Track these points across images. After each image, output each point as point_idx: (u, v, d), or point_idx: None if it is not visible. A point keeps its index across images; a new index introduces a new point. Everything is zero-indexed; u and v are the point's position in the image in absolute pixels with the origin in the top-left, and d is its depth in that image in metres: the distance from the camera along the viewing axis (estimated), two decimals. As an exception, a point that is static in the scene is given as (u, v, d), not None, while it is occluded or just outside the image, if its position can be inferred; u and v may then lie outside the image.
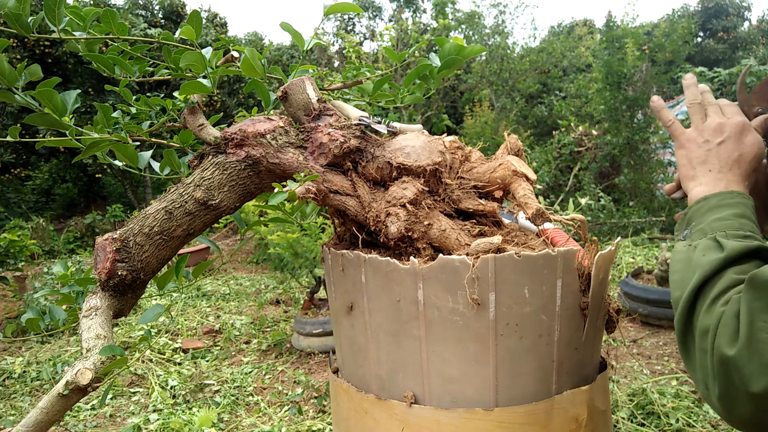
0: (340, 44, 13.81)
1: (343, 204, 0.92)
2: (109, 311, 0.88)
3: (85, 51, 1.03)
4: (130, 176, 11.15)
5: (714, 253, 0.67)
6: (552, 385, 0.87)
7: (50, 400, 0.75)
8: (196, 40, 1.01)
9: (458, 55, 1.06)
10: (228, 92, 12.04)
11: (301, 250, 4.37)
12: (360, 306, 0.90)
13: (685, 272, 0.69)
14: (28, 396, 3.77)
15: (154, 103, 1.09)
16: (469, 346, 0.82)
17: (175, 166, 1.06)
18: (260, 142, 0.91)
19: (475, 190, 0.93)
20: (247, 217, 4.91)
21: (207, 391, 3.67)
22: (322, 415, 3.25)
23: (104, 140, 0.97)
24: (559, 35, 15.27)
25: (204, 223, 0.93)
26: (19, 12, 0.87)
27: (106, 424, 3.32)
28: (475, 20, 12.17)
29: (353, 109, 1.01)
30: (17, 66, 0.89)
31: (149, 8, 12.42)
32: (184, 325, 4.91)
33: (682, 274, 0.69)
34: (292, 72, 1.06)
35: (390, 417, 0.87)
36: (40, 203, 11.75)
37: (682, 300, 0.67)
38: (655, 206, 7.70)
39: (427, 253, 0.86)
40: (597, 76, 8.27)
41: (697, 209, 0.76)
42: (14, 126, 1.01)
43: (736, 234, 0.69)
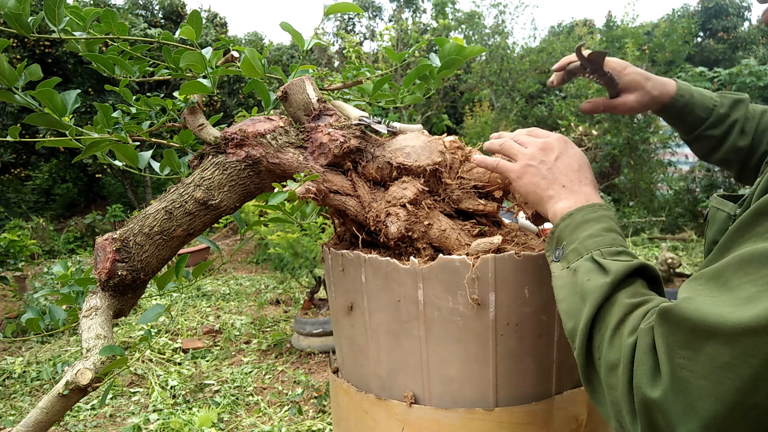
0: (340, 44, 13.81)
1: (343, 204, 0.92)
2: (109, 311, 0.88)
3: (85, 51, 1.03)
4: (130, 176, 11.15)
5: (598, 276, 0.65)
6: (552, 385, 0.87)
7: (50, 400, 0.75)
8: (196, 40, 1.01)
9: (458, 56, 1.06)
10: (228, 92, 12.04)
11: (301, 250, 4.37)
12: (360, 306, 0.90)
13: (572, 300, 0.67)
14: (28, 396, 3.77)
15: (154, 103, 1.09)
16: (469, 346, 0.82)
17: (175, 166, 1.06)
18: (260, 142, 0.91)
19: (475, 190, 0.93)
20: (247, 217, 4.91)
21: (207, 391, 3.67)
22: (322, 415, 3.25)
23: (104, 140, 0.97)
24: (559, 35, 15.27)
25: (204, 223, 0.93)
26: (19, 12, 0.87)
27: (106, 424, 3.32)
28: (475, 20, 12.16)
29: (353, 109, 1.01)
30: (17, 66, 0.89)
31: (149, 8, 12.42)
32: (184, 325, 4.91)
33: (570, 303, 0.67)
34: (292, 72, 1.06)
35: (390, 417, 0.87)
36: (40, 203, 11.74)
37: (578, 333, 0.64)
38: (655, 206, 7.71)
39: (427, 253, 0.86)
40: (597, 76, 8.26)
41: (564, 227, 0.73)
42: (14, 126, 1.01)
43: (611, 251, 0.67)
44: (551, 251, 0.75)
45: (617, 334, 0.60)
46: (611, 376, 0.59)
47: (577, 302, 0.66)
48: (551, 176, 0.78)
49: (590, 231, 0.71)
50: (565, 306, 0.68)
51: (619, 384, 0.57)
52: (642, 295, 0.63)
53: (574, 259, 0.69)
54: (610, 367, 0.59)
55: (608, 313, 0.62)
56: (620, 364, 0.57)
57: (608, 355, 0.59)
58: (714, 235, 0.73)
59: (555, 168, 0.79)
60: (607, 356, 0.60)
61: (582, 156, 0.81)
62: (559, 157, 0.80)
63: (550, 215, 0.78)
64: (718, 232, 0.71)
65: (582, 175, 0.79)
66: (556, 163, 0.79)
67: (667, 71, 8.25)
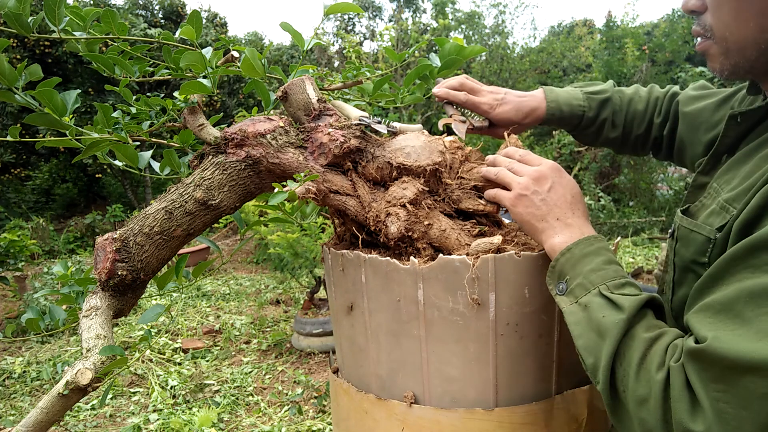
0: (340, 44, 13.80)
1: (343, 204, 0.92)
2: (109, 311, 0.88)
3: (85, 51, 1.03)
4: (130, 176, 11.15)
5: (613, 313, 0.68)
6: (552, 385, 0.87)
7: (50, 400, 0.75)
8: (196, 40, 1.01)
9: (458, 56, 1.07)
10: (228, 92, 12.04)
11: (301, 250, 4.37)
12: (360, 306, 0.90)
13: (589, 336, 0.69)
14: (28, 396, 3.77)
15: (154, 103, 1.09)
16: (469, 346, 0.82)
17: (175, 166, 1.06)
18: (260, 142, 0.91)
19: (475, 191, 0.93)
20: (247, 217, 4.91)
21: (207, 391, 3.67)
22: (322, 415, 3.25)
23: (104, 140, 0.97)
24: (559, 35, 15.26)
25: (204, 223, 0.93)
26: (19, 12, 0.87)
27: (106, 424, 3.32)
28: (475, 20, 12.16)
29: (353, 109, 1.01)
30: (17, 66, 0.89)
31: (149, 8, 12.42)
32: (184, 325, 4.91)
33: (587, 339, 0.69)
34: (292, 72, 1.06)
35: (390, 417, 0.87)
36: (40, 203, 11.74)
37: (600, 368, 0.67)
38: (655, 206, 7.71)
39: (427, 253, 0.86)
40: (597, 76, 8.27)
41: (564, 262, 0.75)
42: (14, 126, 1.01)
43: (616, 284, 0.71)
44: (553, 285, 0.77)
45: (642, 369, 0.63)
46: (642, 409, 0.62)
47: (595, 339, 0.68)
48: (545, 207, 0.80)
49: (592, 265, 0.73)
50: (582, 342, 0.70)
51: (653, 417, 0.61)
52: (656, 327, 0.67)
53: (582, 294, 0.72)
54: (639, 401, 0.63)
55: (629, 348, 0.66)
56: (651, 398, 0.61)
57: (636, 389, 0.63)
58: (693, 256, 0.75)
59: (548, 199, 0.81)
60: (635, 391, 0.63)
61: (574, 185, 0.83)
62: (552, 187, 0.81)
63: (546, 248, 0.79)
64: (698, 254, 0.73)
65: (575, 207, 0.81)
66: (549, 193, 0.81)
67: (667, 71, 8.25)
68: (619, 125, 1.13)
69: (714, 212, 0.73)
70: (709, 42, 0.74)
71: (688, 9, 0.76)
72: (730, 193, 0.72)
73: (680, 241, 0.78)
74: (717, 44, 0.73)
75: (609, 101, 1.13)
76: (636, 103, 1.14)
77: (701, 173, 0.85)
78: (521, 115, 1.07)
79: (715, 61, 0.75)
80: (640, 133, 1.14)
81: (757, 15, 0.67)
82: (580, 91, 1.13)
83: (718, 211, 0.72)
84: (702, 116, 1.02)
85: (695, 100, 1.05)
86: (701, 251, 0.73)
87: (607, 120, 1.13)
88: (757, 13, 0.67)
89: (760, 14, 0.67)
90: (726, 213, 0.70)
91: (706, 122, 1.00)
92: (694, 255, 0.74)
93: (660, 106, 1.13)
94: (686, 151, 1.06)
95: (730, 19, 0.70)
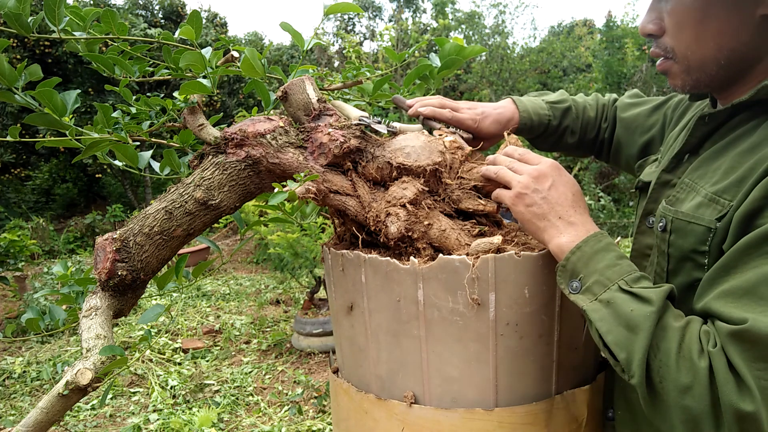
0: (340, 44, 13.80)
1: (343, 204, 0.92)
2: (109, 311, 0.88)
3: (85, 51, 1.03)
4: (130, 176, 11.15)
5: (641, 306, 0.69)
6: (552, 385, 0.87)
7: (50, 400, 0.75)
8: (196, 40, 1.01)
9: (458, 56, 1.07)
10: (228, 92, 12.04)
11: (301, 250, 4.37)
12: (360, 306, 0.90)
13: (618, 332, 0.70)
14: (28, 396, 3.77)
15: (154, 103, 1.09)
16: (469, 346, 0.82)
17: (175, 166, 1.06)
18: (260, 142, 0.91)
19: (475, 191, 0.93)
20: (247, 217, 4.91)
21: (207, 391, 3.67)
22: (322, 415, 3.25)
23: (104, 140, 0.97)
24: (559, 35, 15.26)
25: (204, 223, 0.93)
26: (19, 12, 0.87)
27: (106, 424, 3.32)
28: (475, 20, 12.16)
29: (353, 109, 1.01)
30: (17, 66, 0.89)
31: (149, 8, 12.42)
32: (184, 325, 4.91)
33: (617, 335, 0.70)
34: (292, 72, 1.06)
35: (390, 417, 0.87)
36: (40, 203, 11.74)
37: (634, 362, 0.68)
38: (655, 206, 7.69)
39: (427, 253, 0.86)
40: (597, 76, 8.28)
41: (576, 260, 0.76)
42: (14, 126, 1.01)
43: (633, 279, 0.72)
44: (565, 283, 0.77)
45: (681, 358, 0.65)
46: (686, 397, 0.65)
47: (625, 333, 0.69)
48: (546, 206, 0.81)
49: (606, 262, 0.74)
50: (613, 338, 0.70)
51: (700, 404, 0.64)
52: (681, 316, 0.70)
53: (601, 291, 0.73)
54: (682, 390, 0.65)
55: (663, 339, 0.67)
56: (696, 386, 0.64)
57: (678, 378, 0.65)
58: (693, 246, 0.77)
59: (549, 197, 0.81)
60: (677, 380, 0.65)
61: (574, 183, 0.84)
62: (552, 185, 0.82)
63: (551, 246, 0.80)
64: (699, 243, 0.76)
65: (576, 204, 0.82)
66: (550, 191, 0.82)
67: (667, 71, 8.27)
68: (576, 132, 1.23)
69: (703, 204, 0.77)
70: (670, 62, 0.82)
71: (645, 33, 0.84)
72: (715, 186, 0.76)
73: (676, 233, 0.80)
74: (678, 63, 0.81)
75: (569, 110, 1.22)
76: (588, 110, 1.24)
77: (666, 171, 0.90)
78: (501, 127, 1.11)
79: (677, 79, 0.83)
80: (592, 137, 1.24)
81: (715, 36, 0.76)
82: (542, 100, 1.19)
83: (707, 203, 0.76)
84: (637, 121, 1.16)
85: (631, 106, 1.20)
86: (701, 241, 0.75)
87: (568, 128, 1.22)
88: (715, 34, 0.76)
89: (718, 35, 0.76)
90: (718, 204, 0.74)
91: (641, 126, 1.15)
92: (695, 245, 0.77)
93: (606, 113, 1.25)
94: (622, 152, 1.20)
95: (691, 40, 0.78)
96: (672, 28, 0.80)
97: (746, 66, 0.79)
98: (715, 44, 0.77)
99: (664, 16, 0.81)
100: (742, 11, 0.74)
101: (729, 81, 0.82)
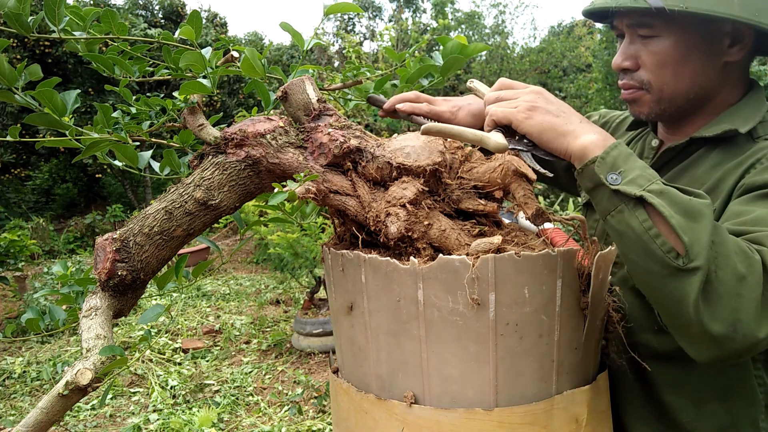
0: (340, 44, 13.79)
1: (343, 204, 0.92)
2: (109, 311, 0.88)
3: (85, 51, 1.03)
4: (130, 176, 11.15)
5: (697, 198, 0.73)
6: (552, 385, 0.87)
7: (50, 400, 0.75)
8: (196, 40, 1.01)
9: (461, 54, 1.07)
10: (228, 92, 12.04)
11: (301, 250, 4.37)
12: (360, 306, 0.90)
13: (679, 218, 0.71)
14: (28, 396, 3.77)
15: (154, 103, 1.09)
16: (469, 346, 0.82)
17: (175, 166, 1.06)
18: (260, 142, 0.91)
19: (475, 190, 0.93)
20: (247, 217, 4.91)
21: (207, 391, 3.67)
22: (322, 415, 3.25)
23: (104, 140, 0.97)
24: (559, 35, 15.26)
25: (204, 223, 0.93)
26: (19, 12, 0.87)
27: (106, 424, 3.33)
28: (474, 20, 12.16)
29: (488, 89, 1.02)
30: (17, 66, 0.89)
31: (149, 8, 12.42)
32: (184, 325, 4.91)
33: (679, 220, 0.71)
34: (292, 72, 1.06)
35: (390, 417, 0.87)
36: (40, 203, 11.74)
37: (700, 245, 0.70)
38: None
39: (427, 253, 0.86)
40: (597, 76, 8.28)
41: (617, 155, 0.77)
42: (14, 126, 1.01)
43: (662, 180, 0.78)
44: (604, 174, 0.77)
45: (739, 248, 0.71)
46: (741, 286, 0.70)
47: (685, 220, 0.71)
48: (562, 113, 0.83)
49: (641, 163, 0.77)
50: (676, 222, 0.71)
51: (753, 293, 0.70)
52: None
53: (647, 184, 0.74)
54: (739, 278, 0.70)
55: (718, 230, 0.72)
56: (750, 275, 0.70)
57: (736, 267, 0.70)
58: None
59: (560, 106, 0.84)
60: (734, 268, 0.70)
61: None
62: (551, 100, 0.86)
63: (577, 145, 0.80)
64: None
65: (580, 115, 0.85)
66: (557, 103, 0.85)
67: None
68: None
69: None
70: (642, 92, 0.96)
71: (620, 68, 0.96)
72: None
73: None
74: (651, 94, 0.95)
75: None
76: None
77: None
78: (477, 120, 1.12)
79: (645, 107, 0.97)
80: None
81: (691, 74, 0.92)
82: None
83: None
84: None
85: None
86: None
87: None
88: (691, 73, 0.92)
89: (694, 74, 0.92)
90: None
91: None
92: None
93: None
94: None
95: (670, 77, 0.92)
96: (652, 65, 0.92)
97: (704, 102, 0.95)
98: (690, 81, 0.92)
99: (641, 54, 0.93)
100: (712, 57, 0.91)
101: (686, 113, 0.97)
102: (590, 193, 0.82)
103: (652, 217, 0.73)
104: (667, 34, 0.90)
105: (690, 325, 0.73)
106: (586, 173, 0.79)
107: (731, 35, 0.90)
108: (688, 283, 0.70)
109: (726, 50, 0.91)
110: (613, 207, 0.76)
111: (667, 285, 0.73)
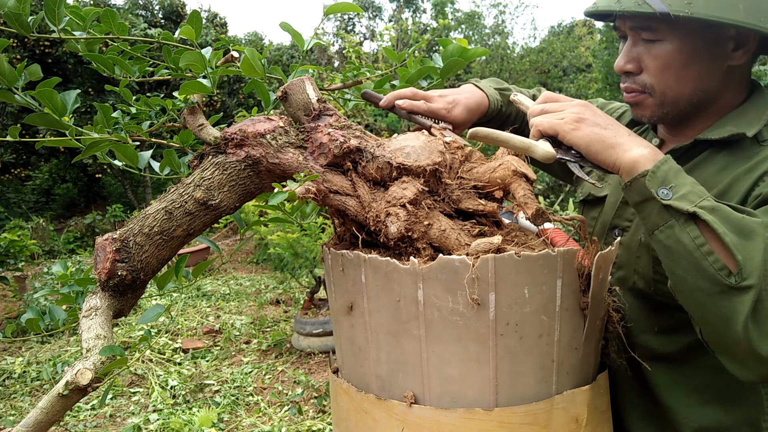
0: (340, 44, 13.79)
1: (343, 204, 0.92)
2: (109, 311, 0.88)
3: (85, 51, 1.03)
4: (130, 176, 11.15)
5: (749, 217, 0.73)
6: (552, 385, 0.87)
7: (50, 400, 0.75)
8: (196, 40, 1.01)
9: (461, 57, 1.07)
10: (228, 92, 12.04)
11: (301, 250, 4.37)
12: (360, 306, 0.90)
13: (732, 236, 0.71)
14: (28, 396, 3.77)
15: (154, 103, 1.09)
16: (469, 346, 0.82)
17: (175, 166, 1.06)
18: (260, 142, 0.91)
19: (475, 190, 0.93)
20: (247, 217, 4.91)
21: (207, 391, 3.67)
22: (322, 415, 3.25)
23: (104, 140, 0.97)
24: (559, 35, 15.25)
25: (204, 223, 0.93)
26: (19, 12, 0.87)
27: (106, 424, 3.33)
28: (474, 20, 12.16)
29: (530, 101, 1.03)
30: (17, 66, 0.89)
31: (149, 8, 12.42)
32: (184, 325, 4.91)
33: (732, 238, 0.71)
34: (292, 72, 1.06)
35: (390, 417, 0.87)
36: (40, 203, 11.74)
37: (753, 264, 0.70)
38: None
39: (427, 253, 0.86)
40: (597, 76, 8.27)
41: (667, 170, 0.77)
42: (14, 126, 1.01)
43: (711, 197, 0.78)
44: (655, 189, 0.77)
45: None
46: None
47: (737, 238, 0.71)
48: (610, 126, 0.84)
49: (691, 179, 0.77)
50: (730, 240, 0.72)
51: None
52: None
53: (698, 200, 0.74)
54: None
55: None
56: None
57: None
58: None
59: (608, 119, 0.85)
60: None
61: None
62: (600, 113, 0.86)
63: (627, 158, 0.80)
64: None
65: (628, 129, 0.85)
66: (604, 116, 0.85)
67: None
68: (518, 121, 1.25)
69: None
70: (644, 95, 0.95)
71: (623, 71, 0.96)
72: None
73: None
74: (654, 98, 0.94)
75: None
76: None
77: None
78: (473, 114, 1.12)
79: (647, 110, 0.96)
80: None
81: (694, 78, 0.91)
82: (489, 86, 1.20)
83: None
84: None
85: None
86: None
87: (511, 115, 1.24)
88: (694, 77, 0.91)
89: (696, 78, 0.91)
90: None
91: None
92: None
93: None
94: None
95: (673, 81, 0.92)
96: (655, 69, 0.92)
97: (707, 104, 0.95)
98: (693, 85, 0.92)
99: (644, 58, 0.92)
100: (716, 61, 0.91)
101: (689, 116, 0.97)
102: (637, 207, 0.81)
103: (705, 234, 0.72)
104: (671, 38, 0.89)
105: (737, 344, 0.72)
106: (635, 187, 0.79)
107: (735, 39, 0.90)
108: (739, 302, 0.70)
109: (730, 54, 0.91)
110: (663, 222, 0.76)
111: (717, 303, 0.72)
